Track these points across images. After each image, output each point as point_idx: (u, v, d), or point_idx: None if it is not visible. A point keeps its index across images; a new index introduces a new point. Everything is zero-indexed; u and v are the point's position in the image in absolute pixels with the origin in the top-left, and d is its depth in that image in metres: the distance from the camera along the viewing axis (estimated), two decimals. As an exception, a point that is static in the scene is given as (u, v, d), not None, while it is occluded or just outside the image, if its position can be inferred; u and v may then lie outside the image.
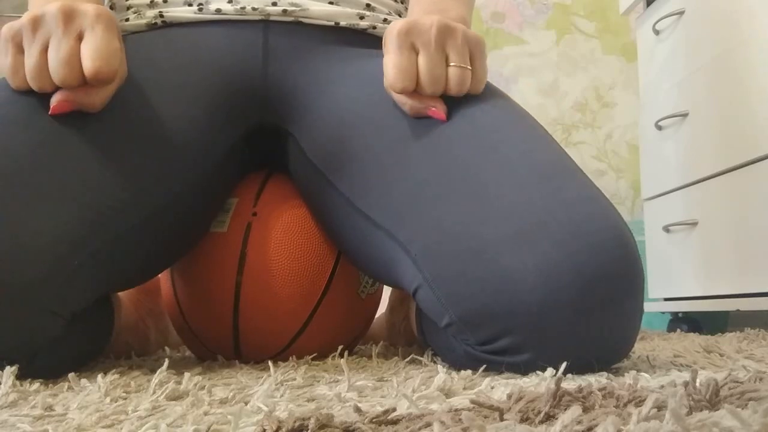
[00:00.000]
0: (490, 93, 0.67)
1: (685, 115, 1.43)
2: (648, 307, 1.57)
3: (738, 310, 1.35)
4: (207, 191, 0.72)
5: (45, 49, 0.58)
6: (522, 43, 2.28)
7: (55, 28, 0.58)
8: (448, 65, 0.63)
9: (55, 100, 0.59)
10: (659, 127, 1.53)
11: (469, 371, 0.55)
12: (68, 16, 0.58)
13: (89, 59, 0.57)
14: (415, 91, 0.63)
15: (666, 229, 1.50)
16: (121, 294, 0.82)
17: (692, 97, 1.40)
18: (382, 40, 0.77)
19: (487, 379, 0.50)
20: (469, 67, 0.63)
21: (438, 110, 0.63)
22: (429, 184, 0.61)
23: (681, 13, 1.45)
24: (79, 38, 0.59)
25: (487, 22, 2.28)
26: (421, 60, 0.62)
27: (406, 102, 0.64)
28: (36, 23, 0.58)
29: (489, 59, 2.26)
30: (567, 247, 0.53)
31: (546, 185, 0.57)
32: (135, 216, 0.62)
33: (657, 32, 1.56)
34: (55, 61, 0.58)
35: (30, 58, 0.58)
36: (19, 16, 0.60)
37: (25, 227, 0.54)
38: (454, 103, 0.64)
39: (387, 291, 1.06)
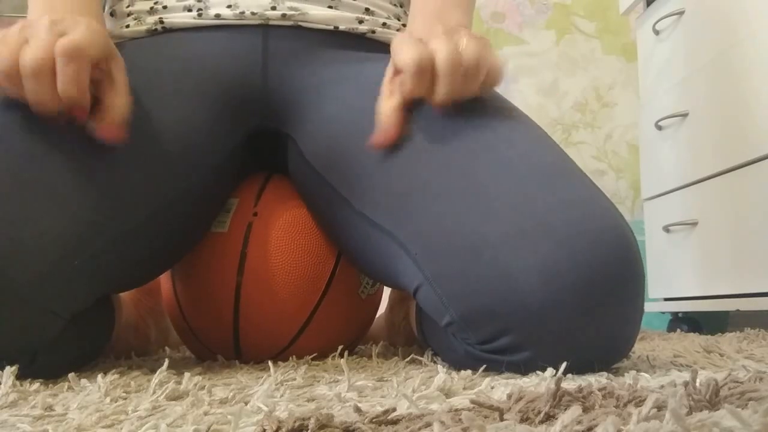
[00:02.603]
0: (489, 95, 0.67)
1: (685, 115, 1.43)
2: (648, 307, 1.57)
3: (738, 310, 1.35)
4: (207, 194, 0.72)
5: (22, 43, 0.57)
6: (522, 43, 2.28)
7: (37, 29, 0.57)
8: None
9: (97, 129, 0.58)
10: (659, 127, 1.53)
11: (469, 371, 0.55)
12: (54, 22, 0.58)
13: (66, 38, 0.55)
14: (433, 74, 0.61)
15: (666, 229, 1.50)
16: (121, 293, 0.82)
17: (692, 97, 1.40)
18: (381, 44, 0.78)
19: (487, 379, 0.50)
20: (485, 38, 0.63)
21: (387, 135, 0.63)
22: (429, 184, 0.61)
23: (681, 13, 1.45)
24: (60, 34, 0.57)
25: (487, 22, 2.28)
26: (435, 44, 0.61)
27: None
28: (23, 28, 0.58)
29: (489, 59, 2.26)
30: (568, 247, 0.53)
31: (547, 185, 0.57)
32: (135, 218, 0.62)
33: (657, 32, 1.56)
34: (28, 51, 0.55)
35: (4, 47, 0.56)
36: (19, 16, 0.60)
37: (25, 227, 0.54)
38: (454, 105, 0.64)
39: (387, 291, 1.06)
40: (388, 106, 0.64)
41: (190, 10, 0.75)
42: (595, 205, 0.56)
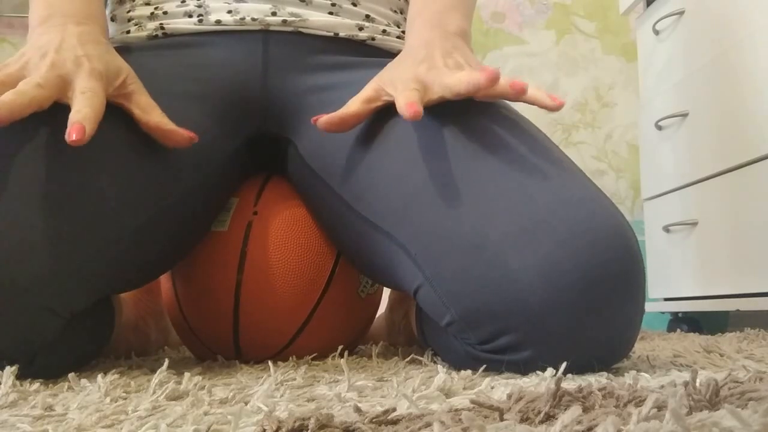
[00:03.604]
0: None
1: (684, 116, 1.43)
2: (648, 307, 1.57)
3: (738, 310, 1.35)
4: (208, 196, 0.72)
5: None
6: (522, 43, 2.28)
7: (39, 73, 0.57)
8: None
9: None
10: (659, 127, 1.53)
11: (469, 371, 0.55)
12: (54, 65, 0.58)
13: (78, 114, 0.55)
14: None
15: (666, 229, 1.50)
16: (121, 293, 0.82)
17: (692, 97, 1.40)
18: (381, 51, 0.78)
19: (487, 379, 0.50)
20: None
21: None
22: (429, 186, 0.61)
23: (681, 13, 1.45)
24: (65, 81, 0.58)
25: (487, 22, 2.28)
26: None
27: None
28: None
29: (489, 59, 2.27)
30: (568, 246, 0.53)
31: (547, 184, 0.57)
32: (136, 219, 0.62)
33: (657, 32, 1.56)
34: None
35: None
36: (19, 16, 0.60)
37: (26, 227, 0.54)
38: (453, 106, 0.64)
39: (387, 291, 1.06)
40: (356, 108, 0.65)
41: (190, 16, 0.76)
42: (595, 205, 0.56)
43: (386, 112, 0.67)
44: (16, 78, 0.57)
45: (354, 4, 0.78)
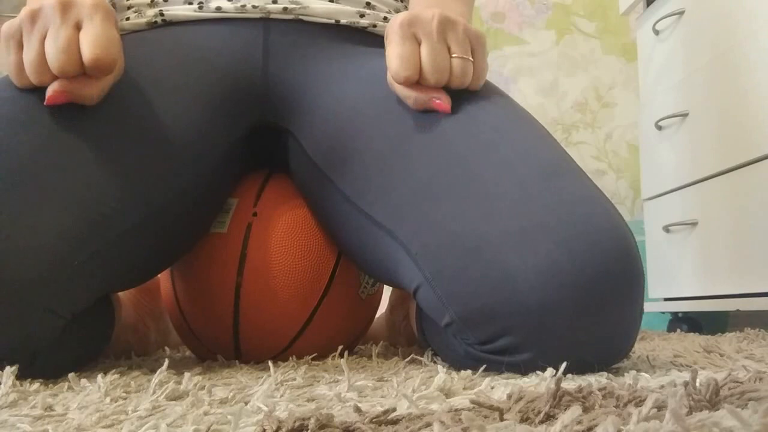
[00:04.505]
0: (490, 92, 0.67)
1: (684, 115, 1.43)
2: (648, 307, 1.57)
3: (738, 310, 1.35)
4: (207, 190, 0.72)
5: (43, 41, 0.58)
6: (522, 43, 2.28)
7: (53, 19, 0.57)
8: (450, 56, 0.63)
9: (50, 90, 0.58)
10: (659, 127, 1.53)
11: (469, 371, 0.55)
12: (65, 7, 0.58)
13: (88, 47, 0.57)
14: (418, 82, 0.63)
15: (666, 229, 1.50)
16: (121, 294, 0.82)
17: (692, 97, 1.40)
18: (382, 39, 0.78)
19: (487, 379, 0.50)
20: (471, 59, 0.63)
21: (443, 102, 0.63)
22: (430, 183, 0.61)
23: (681, 13, 1.45)
24: (77, 27, 0.58)
25: (487, 22, 2.28)
26: (424, 50, 0.62)
27: (410, 95, 0.63)
28: (34, 17, 0.58)
29: (489, 59, 2.26)
30: (567, 247, 0.53)
31: (547, 184, 0.57)
32: (135, 216, 0.62)
33: (657, 32, 1.56)
34: (52, 50, 0.57)
35: (29, 52, 0.58)
36: (19, 16, 0.60)
37: (25, 227, 0.54)
38: (455, 101, 0.64)
39: (387, 291, 1.06)
40: (421, 95, 0.64)
41: (190, 3, 0.75)
42: (594, 205, 0.56)
43: (389, 110, 0.67)
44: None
45: None
